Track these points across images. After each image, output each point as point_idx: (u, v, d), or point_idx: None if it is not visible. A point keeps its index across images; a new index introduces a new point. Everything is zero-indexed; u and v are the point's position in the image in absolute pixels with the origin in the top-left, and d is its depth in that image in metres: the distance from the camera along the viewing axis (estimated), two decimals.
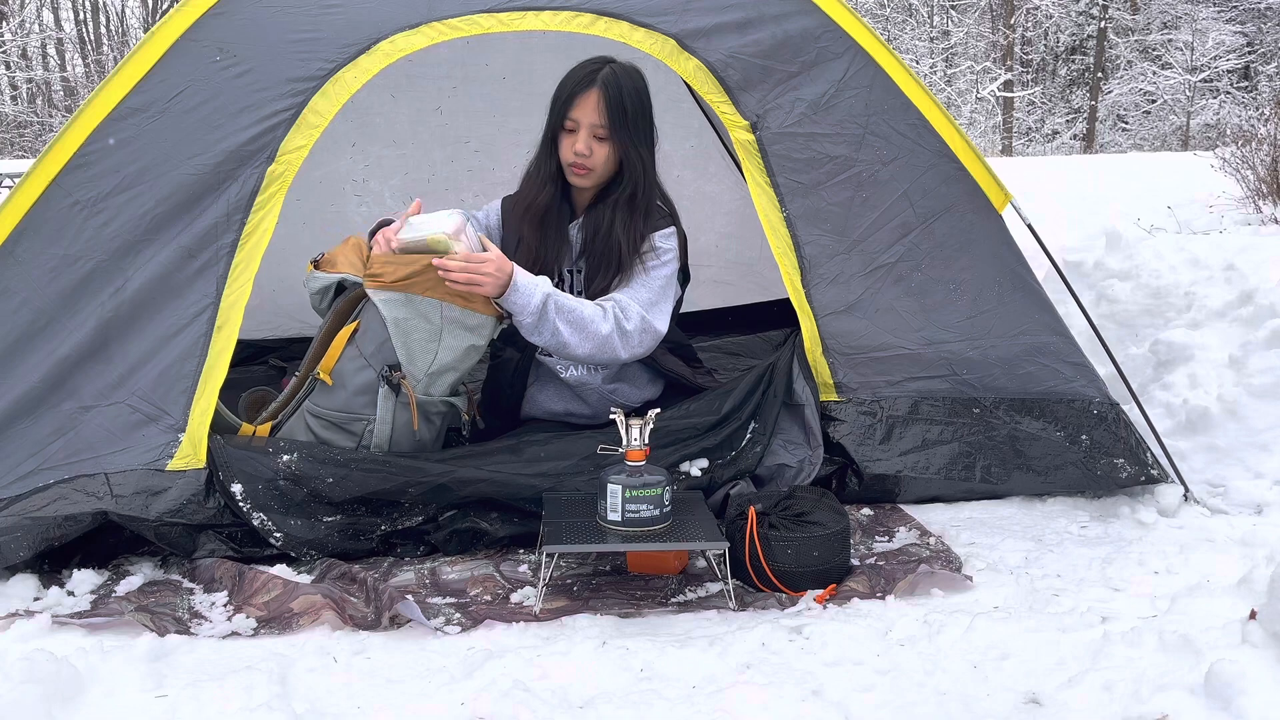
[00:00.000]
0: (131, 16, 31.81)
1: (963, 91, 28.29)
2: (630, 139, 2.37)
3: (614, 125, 2.34)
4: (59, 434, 2.11)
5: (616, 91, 2.34)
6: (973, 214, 2.51)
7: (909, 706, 1.59)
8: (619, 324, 2.29)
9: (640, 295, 2.36)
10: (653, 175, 2.44)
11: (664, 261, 2.41)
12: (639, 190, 2.40)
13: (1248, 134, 7.22)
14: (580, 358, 2.32)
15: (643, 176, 2.40)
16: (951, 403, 2.47)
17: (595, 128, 2.35)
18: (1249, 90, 25.92)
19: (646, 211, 2.42)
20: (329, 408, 2.27)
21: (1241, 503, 2.44)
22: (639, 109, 2.38)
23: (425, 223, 2.22)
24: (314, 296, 2.41)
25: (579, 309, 2.26)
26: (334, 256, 2.42)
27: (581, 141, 2.35)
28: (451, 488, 2.20)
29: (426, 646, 1.81)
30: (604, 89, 2.33)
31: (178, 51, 2.23)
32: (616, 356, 2.32)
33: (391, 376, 2.23)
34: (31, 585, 2.03)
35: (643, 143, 2.40)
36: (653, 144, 2.45)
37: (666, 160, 4.08)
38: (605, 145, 2.37)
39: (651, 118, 2.43)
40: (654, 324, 2.35)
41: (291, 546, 2.13)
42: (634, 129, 2.37)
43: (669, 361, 2.56)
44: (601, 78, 2.34)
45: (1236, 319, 3.17)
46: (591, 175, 2.40)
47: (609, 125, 2.34)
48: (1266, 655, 1.52)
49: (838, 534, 2.04)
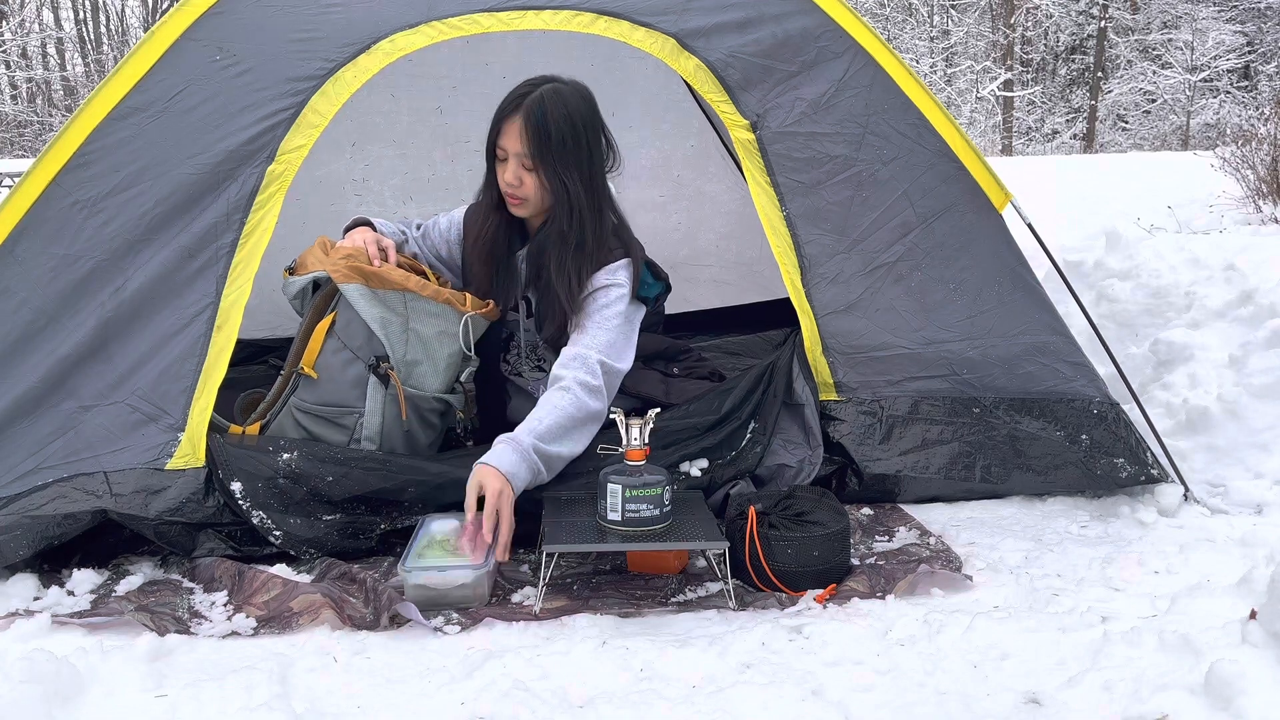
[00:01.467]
0: (131, 16, 31.82)
1: (963, 91, 28.29)
2: (558, 168, 2.22)
3: (539, 154, 2.21)
4: (58, 433, 2.11)
5: (540, 118, 2.18)
6: (973, 213, 2.51)
7: (909, 706, 1.59)
8: (586, 388, 2.18)
9: (598, 339, 2.23)
10: (588, 206, 2.26)
11: (614, 299, 2.27)
12: (571, 224, 2.25)
13: (1248, 133, 7.23)
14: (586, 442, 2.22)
15: (572, 210, 2.25)
16: (951, 402, 2.47)
17: (521, 157, 2.23)
18: (1249, 90, 25.92)
19: (580, 246, 2.27)
20: (317, 401, 2.27)
21: (1241, 503, 2.44)
22: (568, 135, 2.21)
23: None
24: (293, 302, 2.37)
25: (553, 422, 2.13)
26: (304, 259, 2.39)
27: (510, 171, 2.25)
28: (451, 487, 2.19)
29: (426, 646, 1.81)
30: (526, 116, 2.19)
31: (177, 51, 2.23)
32: (601, 415, 2.22)
33: (379, 367, 2.23)
34: (31, 585, 2.03)
35: (573, 171, 2.23)
36: (593, 170, 2.28)
37: (666, 160, 4.11)
38: (534, 175, 2.24)
39: (590, 143, 2.26)
40: (615, 365, 2.24)
41: (291, 545, 2.13)
42: (560, 157, 2.21)
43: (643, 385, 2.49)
44: (527, 103, 2.20)
45: (1236, 319, 3.17)
46: (527, 205, 2.29)
47: (531, 155, 2.21)
48: (1266, 655, 1.52)
49: (838, 534, 2.04)
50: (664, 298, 2.52)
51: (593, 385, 2.19)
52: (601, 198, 2.31)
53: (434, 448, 2.39)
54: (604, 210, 2.32)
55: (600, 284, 2.29)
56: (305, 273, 2.34)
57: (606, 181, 2.35)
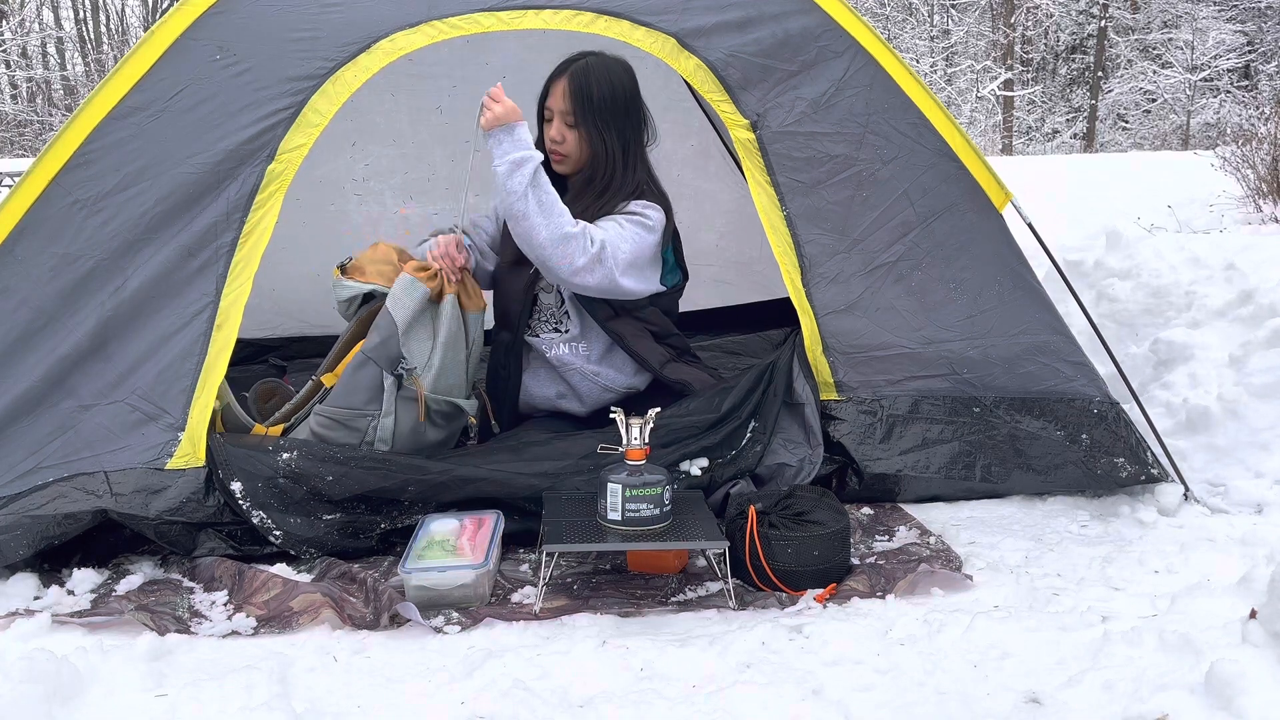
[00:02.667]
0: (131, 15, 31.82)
1: (963, 90, 28.29)
2: (597, 126, 2.40)
3: (580, 112, 2.39)
4: (58, 433, 2.11)
5: (584, 79, 2.39)
6: (973, 213, 2.51)
7: (909, 706, 1.59)
8: (586, 237, 2.28)
9: (611, 232, 2.33)
10: (620, 163, 2.44)
11: (643, 218, 2.40)
12: (598, 175, 2.44)
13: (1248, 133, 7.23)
14: (533, 245, 2.29)
15: (605, 164, 2.43)
16: (952, 402, 2.47)
17: (565, 115, 2.41)
18: (1249, 89, 25.91)
19: (604, 190, 2.43)
20: (331, 405, 2.28)
21: (1242, 502, 2.44)
22: (609, 97, 2.40)
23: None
24: (341, 304, 2.45)
25: (555, 198, 2.29)
26: (363, 264, 2.45)
27: (555, 129, 2.43)
28: (451, 486, 2.20)
29: (426, 645, 1.81)
30: (571, 78, 2.39)
31: (177, 50, 2.23)
32: (565, 264, 2.28)
33: (397, 369, 2.25)
34: (31, 584, 2.03)
35: (611, 131, 2.42)
36: (629, 134, 2.45)
37: (666, 160, 4.08)
38: (574, 132, 2.42)
39: (628, 108, 2.44)
40: (614, 268, 2.32)
41: (291, 544, 2.13)
42: (600, 117, 2.40)
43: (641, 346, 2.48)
44: (574, 67, 2.41)
45: (1237, 318, 3.17)
46: (568, 161, 2.46)
47: (574, 112, 2.40)
48: (1266, 655, 1.52)
49: (838, 533, 2.04)
50: (681, 290, 2.59)
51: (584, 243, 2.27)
52: (636, 158, 2.48)
53: (445, 448, 2.40)
54: (636, 168, 2.48)
55: (632, 208, 2.41)
56: (363, 279, 2.41)
57: (644, 151, 2.52)
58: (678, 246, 2.59)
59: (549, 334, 2.52)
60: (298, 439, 2.25)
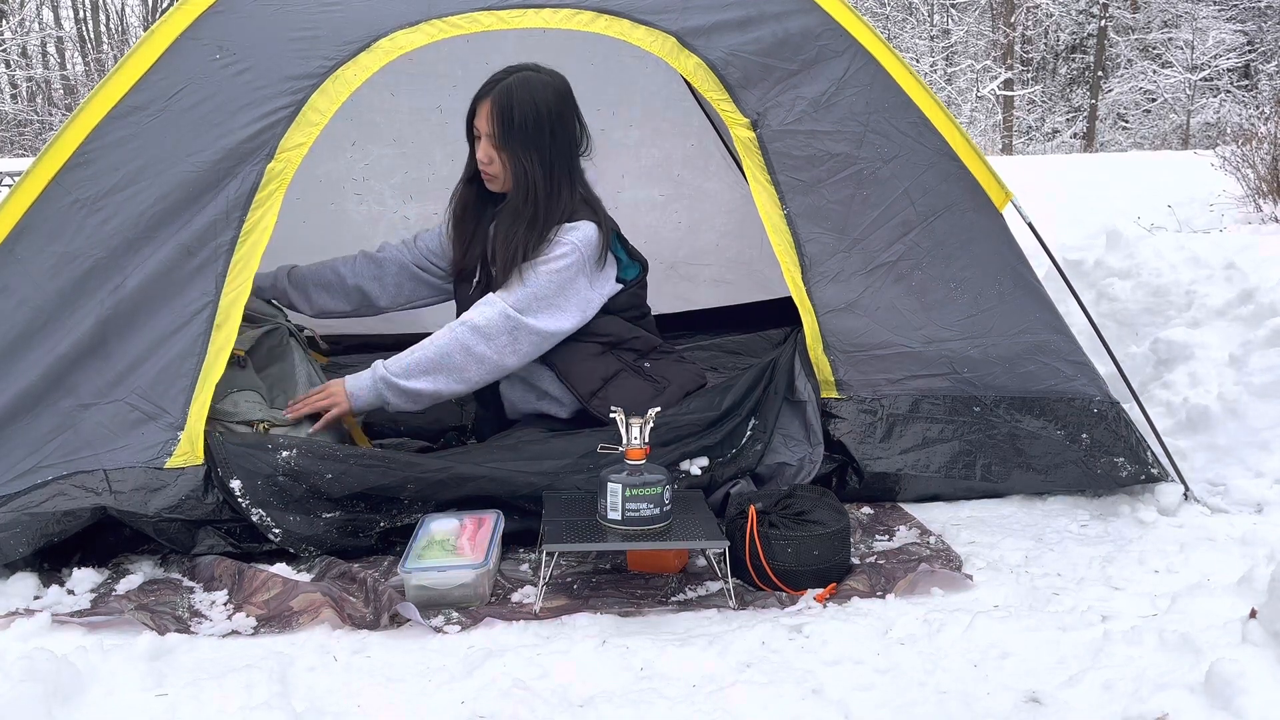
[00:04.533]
0: (131, 15, 31.83)
1: (963, 90, 28.30)
2: (518, 149, 2.38)
3: (502, 135, 2.38)
4: (58, 432, 2.11)
5: (506, 102, 2.36)
6: (973, 212, 2.51)
7: (909, 705, 1.58)
8: (475, 330, 2.31)
9: (516, 293, 2.34)
10: (543, 188, 2.39)
11: (555, 257, 2.37)
12: (525, 202, 2.40)
13: (1248, 133, 7.24)
14: (475, 385, 2.36)
15: (528, 189, 2.40)
16: (952, 401, 2.46)
17: (490, 136, 2.40)
18: (1249, 89, 25.92)
19: (531, 221, 2.39)
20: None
21: (1242, 502, 2.44)
22: (531, 118, 2.36)
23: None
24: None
25: (423, 355, 2.31)
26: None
27: (481, 150, 2.44)
28: (451, 484, 2.19)
29: (426, 645, 1.81)
30: (494, 100, 2.37)
31: (177, 49, 2.23)
32: (501, 364, 2.35)
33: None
34: (31, 584, 2.03)
35: (533, 154, 2.38)
36: (553, 156, 2.40)
37: (667, 160, 4.11)
38: (501, 153, 2.41)
39: (554, 129, 2.39)
40: (527, 321, 2.33)
41: (290, 543, 2.13)
42: (522, 140, 2.37)
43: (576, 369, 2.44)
44: (498, 89, 2.38)
45: (1237, 318, 3.17)
46: (497, 181, 2.47)
47: (496, 135, 2.39)
48: (1266, 655, 1.52)
49: (838, 533, 2.04)
50: (642, 282, 2.57)
51: (484, 329, 2.31)
52: (561, 181, 2.43)
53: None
54: (562, 191, 2.43)
55: (549, 245, 2.40)
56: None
57: (576, 163, 2.49)
58: (621, 239, 2.56)
59: None
60: (297, 437, 2.25)
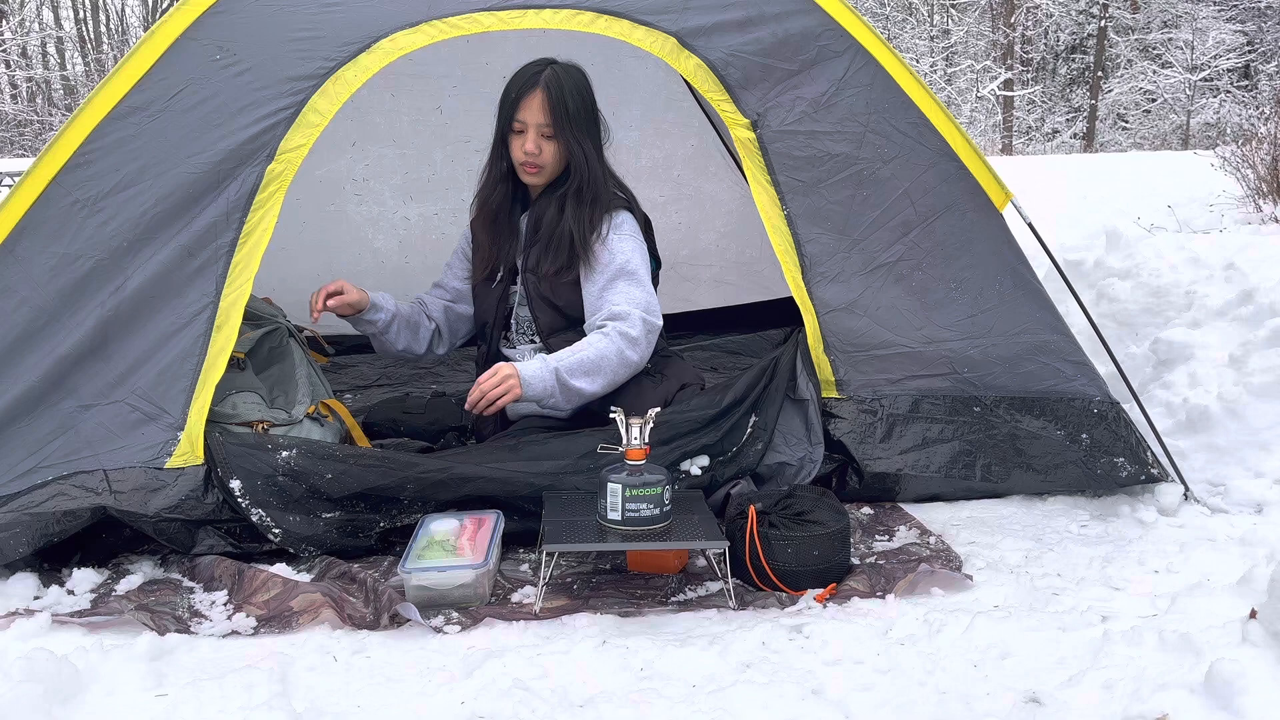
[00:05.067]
0: (131, 15, 31.83)
1: (963, 90, 28.30)
2: (574, 135, 2.43)
3: (558, 123, 2.41)
4: (58, 432, 2.11)
5: (559, 90, 2.40)
6: (973, 213, 2.51)
7: (909, 705, 1.59)
8: (625, 337, 2.37)
9: (634, 297, 2.41)
10: (599, 168, 2.48)
11: (624, 236, 2.47)
12: (585, 183, 2.46)
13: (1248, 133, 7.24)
14: (611, 389, 2.39)
15: (588, 170, 2.46)
16: (952, 401, 2.46)
17: (541, 127, 2.41)
18: (1249, 89, 25.92)
19: (594, 201, 2.47)
20: None
21: (1242, 502, 2.44)
22: (581, 106, 2.43)
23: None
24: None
25: (586, 356, 2.34)
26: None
27: (530, 141, 2.42)
28: (451, 485, 2.19)
29: (426, 645, 1.81)
30: (547, 89, 2.40)
31: (177, 50, 2.23)
32: (640, 367, 2.42)
33: None
34: (31, 584, 2.03)
35: (587, 137, 2.45)
36: (598, 137, 2.50)
37: (667, 160, 4.11)
38: (552, 143, 2.44)
39: (596, 113, 2.49)
40: (654, 321, 2.42)
41: (290, 543, 2.13)
42: (577, 125, 2.43)
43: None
44: (544, 79, 2.41)
45: (1237, 318, 3.17)
46: (542, 173, 2.48)
47: (553, 124, 2.41)
48: (1266, 655, 1.51)
49: (838, 533, 2.04)
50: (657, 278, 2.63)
51: (631, 336, 2.38)
52: (606, 168, 2.54)
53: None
54: (608, 178, 2.53)
55: (613, 225, 2.48)
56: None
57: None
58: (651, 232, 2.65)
59: (525, 345, 2.58)
60: (297, 437, 2.25)
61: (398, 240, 4.21)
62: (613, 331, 2.37)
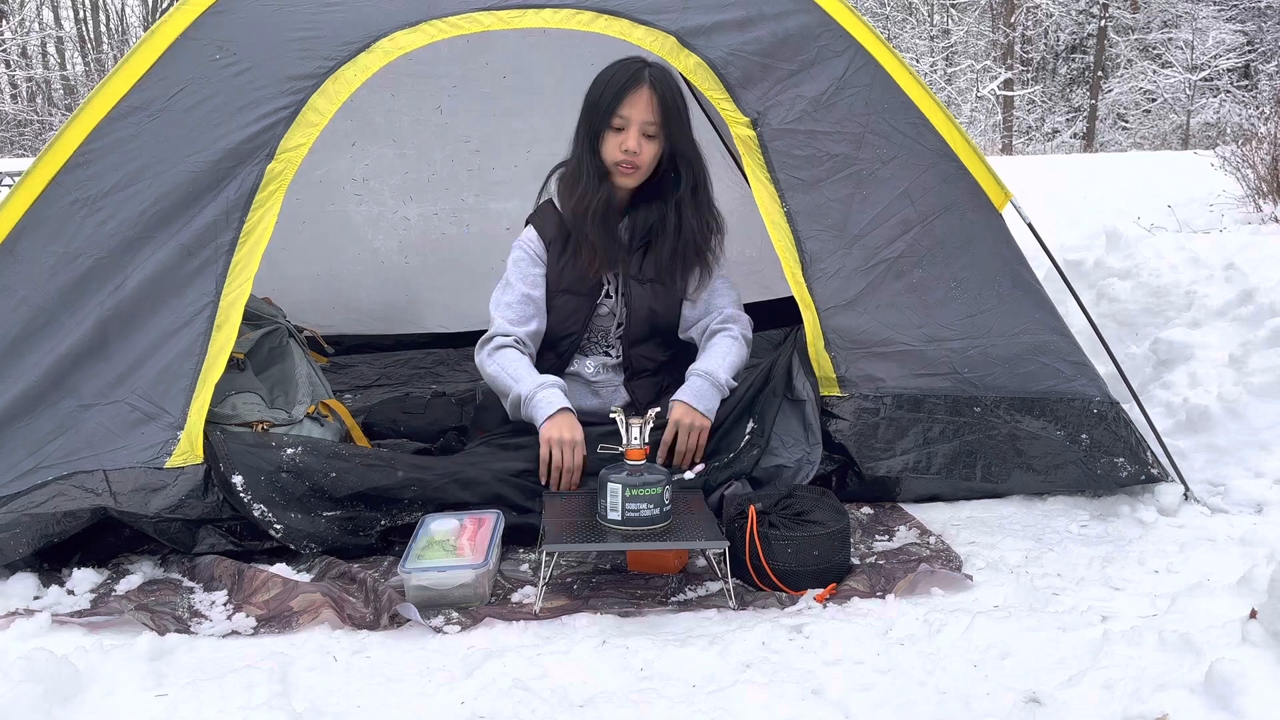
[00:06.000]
0: (131, 15, 31.84)
1: (963, 90, 28.30)
2: (681, 134, 2.41)
3: (667, 122, 2.37)
4: (58, 432, 2.11)
5: (665, 89, 2.37)
6: (973, 213, 2.51)
7: (909, 705, 1.58)
8: (746, 340, 2.51)
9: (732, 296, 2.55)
10: (706, 168, 2.48)
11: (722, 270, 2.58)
12: (699, 183, 2.46)
13: (1248, 133, 7.24)
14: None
15: (698, 172, 2.46)
16: (952, 401, 2.46)
17: (646, 125, 2.36)
18: (1249, 89, 25.92)
19: (710, 203, 2.50)
20: None
21: (1242, 502, 2.44)
22: (682, 105, 2.42)
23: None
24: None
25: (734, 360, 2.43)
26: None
27: (632, 139, 2.35)
28: (452, 486, 2.19)
29: (426, 645, 1.81)
30: (654, 87, 2.35)
31: (177, 50, 2.23)
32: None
33: None
34: (31, 584, 2.03)
35: (689, 136, 2.44)
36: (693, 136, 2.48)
37: None
38: (653, 143, 2.39)
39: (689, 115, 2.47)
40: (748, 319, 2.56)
41: (291, 539, 2.13)
42: (681, 123, 2.41)
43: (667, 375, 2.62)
44: (650, 76, 2.36)
45: (1237, 318, 3.17)
46: (639, 173, 2.40)
47: (661, 122, 2.37)
48: (1266, 655, 1.51)
49: (838, 533, 2.04)
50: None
51: (749, 338, 2.52)
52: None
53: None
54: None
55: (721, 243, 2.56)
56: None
57: None
58: None
59: (598, 355, 2.56)
60: (301, 435, 2.25)
61: (398, 240, 4.21)
62: (739, 334, 2.48)
